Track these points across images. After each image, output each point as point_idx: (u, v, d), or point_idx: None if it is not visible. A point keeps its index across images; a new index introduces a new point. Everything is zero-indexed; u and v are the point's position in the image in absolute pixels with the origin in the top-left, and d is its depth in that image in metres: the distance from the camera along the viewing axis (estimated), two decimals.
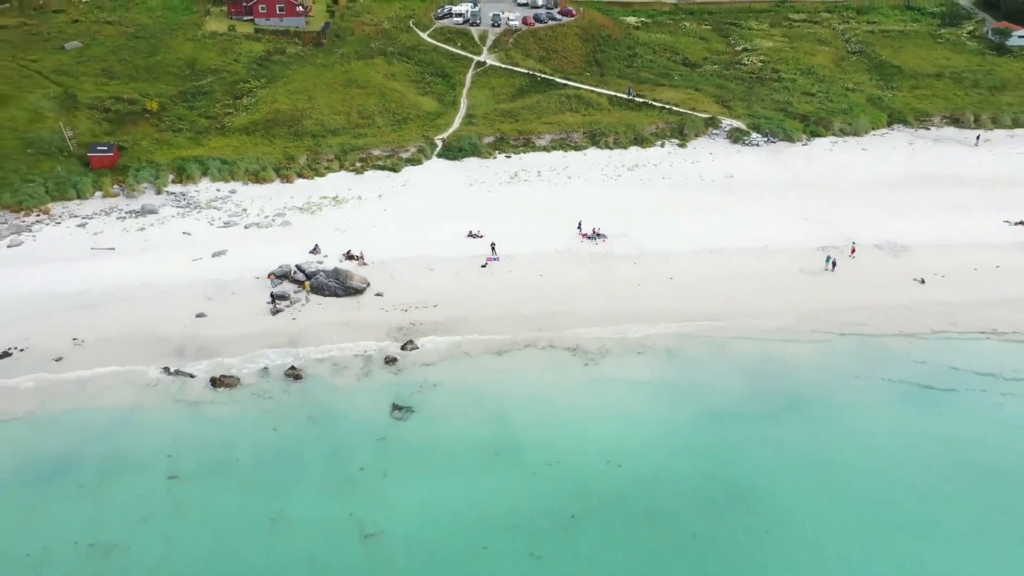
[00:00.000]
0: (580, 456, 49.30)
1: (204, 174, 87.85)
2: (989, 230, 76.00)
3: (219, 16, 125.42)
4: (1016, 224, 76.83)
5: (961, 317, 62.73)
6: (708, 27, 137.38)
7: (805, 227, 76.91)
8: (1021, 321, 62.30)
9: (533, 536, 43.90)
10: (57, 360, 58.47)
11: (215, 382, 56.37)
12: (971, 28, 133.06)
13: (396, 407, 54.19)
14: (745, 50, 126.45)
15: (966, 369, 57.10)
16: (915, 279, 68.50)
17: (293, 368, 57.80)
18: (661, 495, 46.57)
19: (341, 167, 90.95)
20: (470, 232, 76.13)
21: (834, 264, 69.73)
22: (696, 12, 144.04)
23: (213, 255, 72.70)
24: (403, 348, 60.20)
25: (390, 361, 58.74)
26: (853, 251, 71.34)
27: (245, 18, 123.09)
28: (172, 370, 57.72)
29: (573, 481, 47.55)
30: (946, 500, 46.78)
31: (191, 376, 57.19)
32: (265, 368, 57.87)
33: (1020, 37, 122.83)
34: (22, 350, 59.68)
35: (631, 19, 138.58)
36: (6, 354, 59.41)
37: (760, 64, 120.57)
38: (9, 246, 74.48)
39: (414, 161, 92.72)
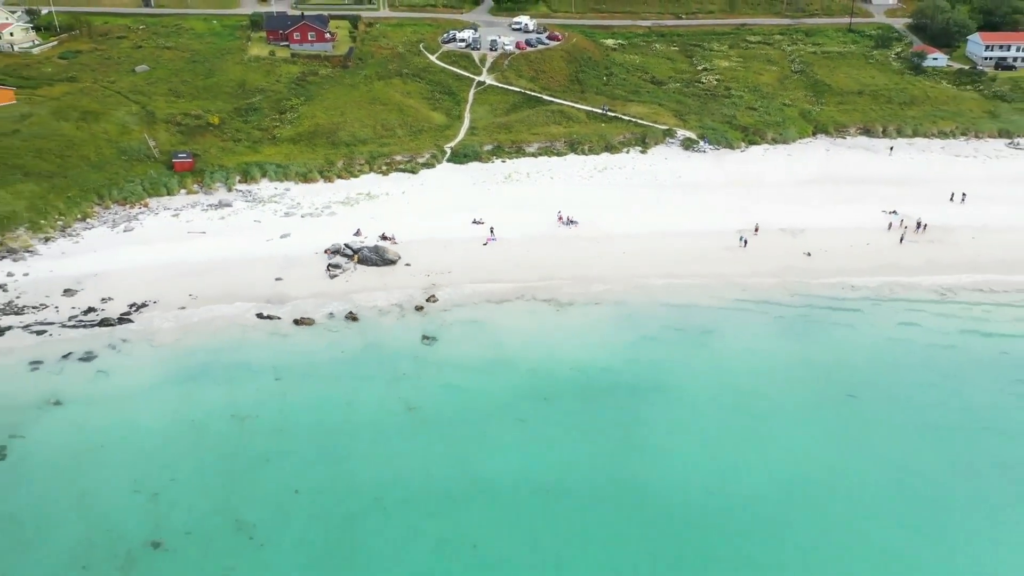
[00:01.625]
0: (551, 364, 74.72)
1: (263, 176, 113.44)
2: (869, 217, 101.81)
3: (259, 42, 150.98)
4: (890, 213, 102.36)
5: (829, 279, 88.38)
6: (676, 48, 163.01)
7: (730, 215, 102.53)
8: (871, 280, 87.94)
9: (519, 409, 69.28)
10: (181, 308, 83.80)
11: (296, 322, 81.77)
12: (899, 50, 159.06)
13: (425, 337, 79.61)
14: (705, 69, 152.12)
15: (823, 312, 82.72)
16: (804, 253, 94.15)
17: (351, 313, 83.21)
18: (603, 386, 71.97)
19: (371, 170, 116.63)
20: (474, 220, 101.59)
21: (746, 242, 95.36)
22: (667, 35, 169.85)
23: (280, 237, 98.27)
24: (427, 300, 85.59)
25: (419, 308, 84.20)
26: (756, 230, 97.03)
27: (282, 44, 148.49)
28: (265, 314, 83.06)
29: (546, 379, 72.90)
30: (793, 388, 72.19)
31: (279, 318, 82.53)
32: (331, 313, 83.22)
33: (933, 59, 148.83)
34: (155, 302, 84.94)
35: (610, 41, 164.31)
36: (144, 305, 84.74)
37: (715, 82, 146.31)
38: (124, 231, 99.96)
39: (428, 165, 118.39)
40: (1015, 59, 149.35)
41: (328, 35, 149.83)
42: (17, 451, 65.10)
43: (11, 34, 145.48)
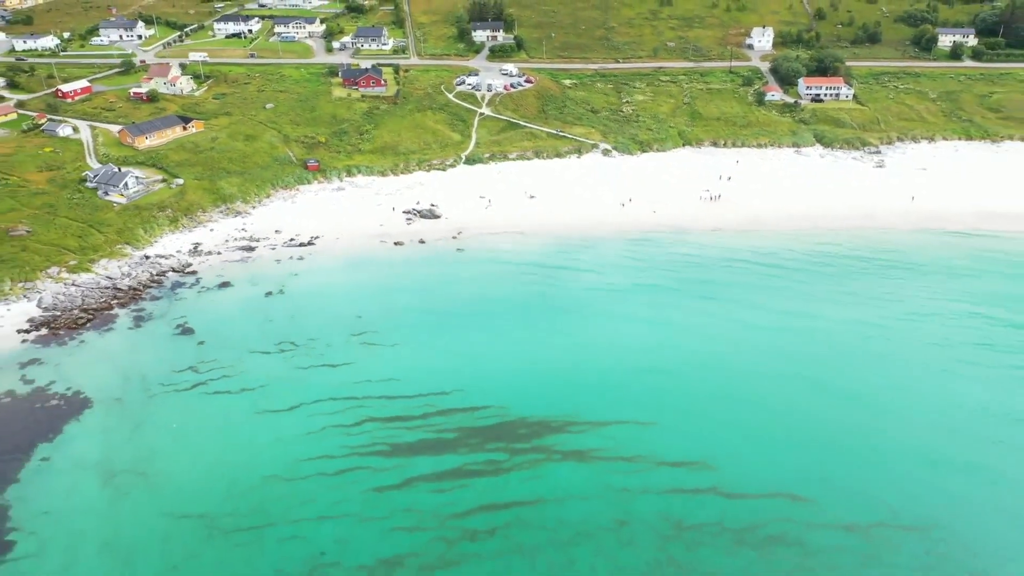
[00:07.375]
0: (519, 258, 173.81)
1: (359, 173, 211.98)
2: (695, 194, 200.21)
3: (338, 86, 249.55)
4: (705, 190, 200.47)
5: (660, 223, 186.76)
6: (611, 86, 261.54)
7: (619, 193, 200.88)
8: (682, 224, 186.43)
9: (503, 274, 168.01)
10: (337, 239, 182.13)
11: (395, 243, 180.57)
12: (756, 87, 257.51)
13: (458, 248, 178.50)
14: (627, 102, 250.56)
15: (660, 238, 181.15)
16: (652, 211, 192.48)
17: (421, 239, 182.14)
18: (542, 265, 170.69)
19: (419, 169, 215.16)
20: (480, 196, 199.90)
21: (624, 206, 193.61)
22: (607, 75, 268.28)
23: (376, 205, 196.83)
24: (458, 234, 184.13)
25: (454, 238, 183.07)
26: (631, 200, 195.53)
27: (354, 87, 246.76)
28: (379, 240, 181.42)
29: (516, 263, 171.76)
30: (625, 263, 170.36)
31: (386, 242, 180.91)
32: (411, 239, 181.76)
33: (772, 95, 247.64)
34: (322, 236, 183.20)
35: (567, 81, 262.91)
36: (317, 237, 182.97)
37: (631, 111, 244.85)
38: (292, 203, 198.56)
39: (452, 166, 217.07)
40: (825, 95, 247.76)
41: (383, 81, 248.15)
42: (287, 291, 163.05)
43: (181, 82, 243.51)
